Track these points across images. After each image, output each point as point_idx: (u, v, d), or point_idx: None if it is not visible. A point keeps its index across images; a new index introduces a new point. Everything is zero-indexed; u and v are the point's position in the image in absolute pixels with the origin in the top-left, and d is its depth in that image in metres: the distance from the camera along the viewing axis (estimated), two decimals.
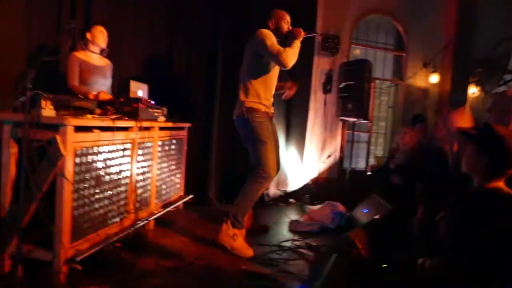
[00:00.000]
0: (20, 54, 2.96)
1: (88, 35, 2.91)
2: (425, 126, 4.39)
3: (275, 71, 2.77)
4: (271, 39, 2.57)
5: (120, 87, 3.31)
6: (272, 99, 2.82)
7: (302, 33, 2.64)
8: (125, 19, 3.55)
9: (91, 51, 2.94)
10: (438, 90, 5.09)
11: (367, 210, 3.35)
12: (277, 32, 2.70)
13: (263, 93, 2.70)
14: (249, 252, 2.58)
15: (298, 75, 4.17)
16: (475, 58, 5.08)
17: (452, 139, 3.00)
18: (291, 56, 2.52)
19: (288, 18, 2.77)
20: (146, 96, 3.10)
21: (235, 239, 2.60)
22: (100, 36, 2.91)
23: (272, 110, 2.83)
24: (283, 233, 3.12)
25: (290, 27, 2.75)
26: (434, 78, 5.00)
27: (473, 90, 5.32)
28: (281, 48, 2.52)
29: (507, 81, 5.32)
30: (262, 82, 2.70)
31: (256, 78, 2.69)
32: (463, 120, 3.23)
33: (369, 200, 3.51)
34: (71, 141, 1.91)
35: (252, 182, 2.64)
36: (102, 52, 3.02)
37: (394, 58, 5.25)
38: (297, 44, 2.60)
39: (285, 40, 2.68)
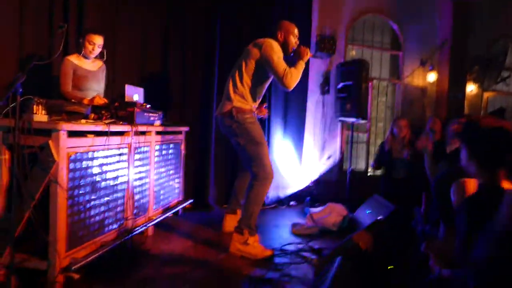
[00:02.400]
0: (12, 58, 2.92)
1: (81, 41, 2.85)
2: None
3: (270, 78, 2.75)
4: (278, 55, 2.55)
5: (115, 91, 3.26)
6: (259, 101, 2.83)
7: (309, 54, 2.63)
8: (118, 22, 3.50)
9: (83, 56, 2.88)
10: (436, 88, 5.06)
11: (370, 211, 3.29)
12: (284, 45, 2.68)
13: (254, 96, 2.70)
14: (267, 252, 2.56)
15: None
16: (472, 56, 5.07)
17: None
18: (295, 78, 2.52)
19: (296, 32, 2.75)
20: (141, 100, 3.04)
21: (255, 246, 2.57)
22: (88, 47, 2.81)
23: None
24: (285, 237, 3.06)
25: (298, 42, 2.73)
26: (432, 77, 4.97)
27: (471, 88, 5.31)
28: (287, 68, 2.50)
29: (504, 77, 5.31)
30: (256, 87, 2.69)
31: (251, 82, 2.66)
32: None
33: (371, 201, 3.46)
34: (64, 147, 1.86)
35: (255, 186, 2.60)
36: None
37: (391, 57, 5.23)
38: (301, 65, 2.59)
39: (288, 55, 2.66)
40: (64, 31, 2.13)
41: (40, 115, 1.87)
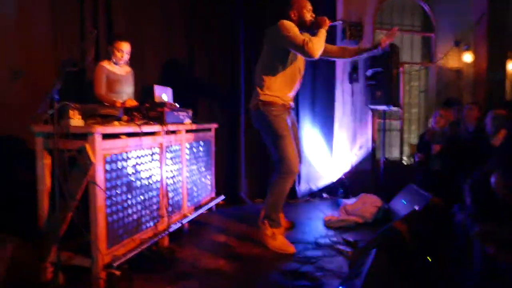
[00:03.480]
0: (48, 66, 3.07)
1: (109, 48, 2.93)
2: (460, 109, 4.15)
3: (296, 64, 2.66)
4: (293, 30, 2.47)
5: (144, 92, 3.35)
6: (293, 93, 2.74)
7: (327, 21, 2.53)
8: (145, 25, 3.58)
9: (113, 62, 2.97)
10: (473, 70, 4.79)
11: (405, 202, 3.19)
12: (300, 22, 2.59)
13: (280, 86, 2.62)
14: (290, 248, 2.55)
15: (322, 66, 4.09)
16: None
17: None
18: (317, 45, 2.41)
19: (309, 6, 2.65)
20: (170, 100, 3.11)
21: (275, 238, 2.58)
22: (117, 54, 2.90)
23: (291, 102, 2.74)
24: (319, 230, 3.03)
25: (314, 16, 2.64)
26: (468, 57, 4.71)
27: None
28: (306, 38, 2.41)
29: None
30: (281, 76, 2.61)
31: (274, 71, 2.60)
32: None
33: (406, 191, 3.35)
34: (100, 149, 1.93)
35: (277, 179, 2.61)
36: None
37: (422, 39, 5.00)
38: (322, 33, 2.50)
39: (309, 30, 2.59)
40: (94, 36, 2.22)
41: (76, 120, 1.96)
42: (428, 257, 2.03)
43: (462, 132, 3.75)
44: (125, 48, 2.92)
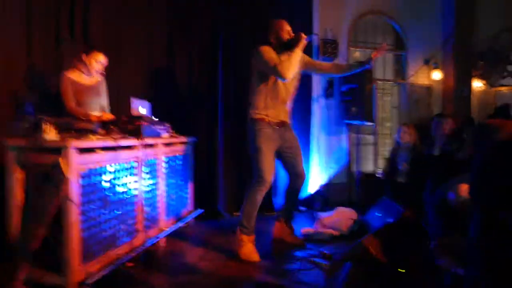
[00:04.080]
0: (20, 73, 2.99)
1: (84, 57, 2.83)
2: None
3: (281, 83, 2.77)
4: (267, 55, 2.65)
5: (120, 104, 3.32)
6: (283, 110, 2.85)
7: (303, 36, 2.65)
8: (124, 35, 3.57)
9: (82, 72, 2.87)
10: (441, 87, 5.04)
11: (380, 214, 3.28)
12: (280, 44, 2.75)
13: (268, 104, 2.77)
14: (254, 257, 2.64)
15: (299, 82, 4.19)
16: (477, 52, 5.03)
17: None
18: (288, 67, 2.57)
19: (287, 27, 2.80)
20: (148, 113, 3.10)
21: (244, 245, 2.68)
22: (95, 65, 2.84)
23: (283, 119, 2.85)
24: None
25: (292, 35, 2.76)
26: (437, 75, 4.95)
27: (477, 84, 5.26)
28: (277, 61, 2.58)
29: (510, 72, 5.26)
30: (267, 94, 2.77)
31: (259, 90, 2.77)
32: None
33: (380, 204, 3.45)
34: (75, 163, 1.91)
35: (250, 188, 2.75)
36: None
37: (394, 57, 5.22)
38: (296, 53, 2.62)
39: (290, 49, 2.69)
40: (72, 45, 2.19)
41: (50, 134, 1.93)
42: (399, 269, 2.10)
43: (427, 148, 3.93)
44: (102, 59, 2.90)
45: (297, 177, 2.97)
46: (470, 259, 1.42)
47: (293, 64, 2.59)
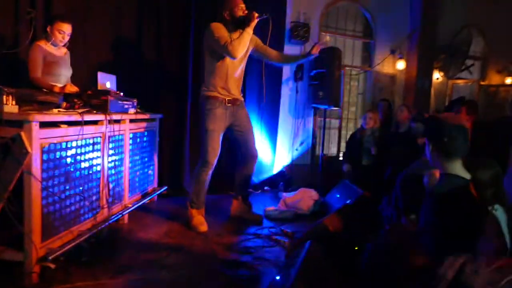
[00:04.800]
0: None
1: (48, 29, 2.70)
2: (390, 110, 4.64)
3: (231, 60, 2.82)
4: (219, 32, 2.70)
5: (86, 78, 3.19)
6: (234, 86, 2.92)
7: (255, 15, 2.69)
8: (90, 5, 3.39)
9: (52, 44, 2.77)
10: (404, 76, 5.26)
11: (339, 196, 3.45)
12: (233, 20, 2.79)
13: (219, 82, 2.85)
14: (202, 227, 2.83)
15: (270, 64, 4.20)
16: (439, 45, 5.28)
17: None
18: (237, 46, 2.65)
19: (242, 4, 2.83)
20: (114, 88, 3.01)
21: (194, 217, 2.88)
22: (58, 36, 2.71)
23: (235, 96, 2.93)
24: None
25: (246, 12, 2.79)
26: (401, 65, 5.16)
27: (437, 76, 5.54)
28: (228, 40, 2.65)
29: (468, 66, 5.58)
30: (219, 71, 2.84)
31: (211, 68, 2.85)
32: None
33: (341, 185, 3.62)
34: (37, 138, 1.84)
35: (197, 168, 2.91)
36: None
37: (363, 45, 5.35)
38: (246, 32, 2.69)
39: (242, 26, 2.73)
40: (32, 17, 2.08)
41: (10, 106, 1.84)
42: (355, 247, 2.25)
43: (391, 132, 4.17)
44: (67, 29, 2.75)
45: (248, 155, 3.07)
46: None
47: (242, 43, 2.67)
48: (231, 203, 3.23)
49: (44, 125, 1.90)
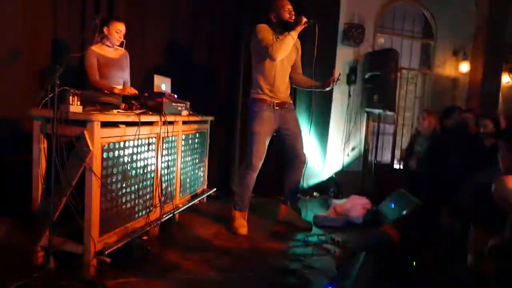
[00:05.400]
0: (46, 49, 3.03)
1: (105, 30, 2.85)
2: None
3: (279, 62, 2.79)
4: (263, 33, 2.70)
5: (143, 80, 3.33)
6: (282, 89, 2.89)
7: (303, 19, 2.64)
8: (148, 10, 3.57)
9: (107, 45, 2.91)
10: (468, 79, 4.87)
11: (394, 205, 3.25)
12: (280, 23, 2.76)
13: (267, 84, 2.83)
14: (242, 230, 2.81)
15: (321, 66, 4.10)
16: (509, 44, 4.81)
17: None
18: (278, 48, 2.63)
19: (289, 6, 2.78)
20: (169, 90, 3.10)
21: (235, 219, 2.86)
22: (116, 35, 2.85)
23: (283, 99, 2.90)
24: None
25: (293, 14, 2.75)
26: (465, 67, 4.78)
27: (506, 79, 5.06)
28: (270, 42, 2.64)
29: None
30: (265, 74, 2.82)
31: (258, 70, 2.84)
32: None
33: (396, 195, 3.41)
34: (98, 137, 1.93)
35: (241, 170, 2.94)
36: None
37: (422, 46, 5.05)
38: (290, 35, 2.65)
39: (290, 29, 2.68)
40: (97, 23, 2.20)
41: (75, 106, 1.95)
42: (413, 261, 2.09)
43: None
44: (122, 28, 2.89)
45: (296, 159, 3.00)
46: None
47: (284, 46, 2.64)
48: (279, 207, 3.17)
49: (104, 125, 1.99)
